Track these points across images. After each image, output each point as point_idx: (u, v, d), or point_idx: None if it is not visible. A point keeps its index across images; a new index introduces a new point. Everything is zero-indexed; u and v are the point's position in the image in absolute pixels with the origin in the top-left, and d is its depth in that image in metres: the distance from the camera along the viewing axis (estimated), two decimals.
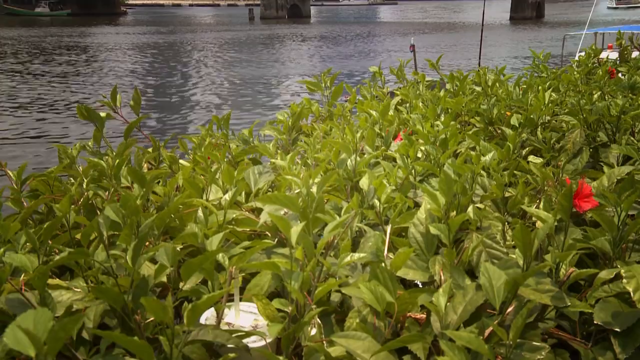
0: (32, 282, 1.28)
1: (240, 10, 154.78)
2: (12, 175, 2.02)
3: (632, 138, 2.52)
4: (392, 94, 3.96)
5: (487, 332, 1.29)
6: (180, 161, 2.42)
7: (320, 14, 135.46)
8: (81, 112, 2.23)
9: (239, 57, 45.02)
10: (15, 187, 2.00)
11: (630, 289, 1.38)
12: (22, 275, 1.37)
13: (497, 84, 3.69)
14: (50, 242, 1.58)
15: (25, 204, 1.96)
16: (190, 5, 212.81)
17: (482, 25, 21.42)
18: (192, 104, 26.11)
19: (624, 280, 1.40)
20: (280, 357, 1.22)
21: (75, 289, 1.44)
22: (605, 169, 2.11)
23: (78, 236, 1.58)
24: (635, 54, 4.80)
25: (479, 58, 21.90)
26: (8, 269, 1.30)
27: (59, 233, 1.70)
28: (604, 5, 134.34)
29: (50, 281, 1.44)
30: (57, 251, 1.56)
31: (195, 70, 37.02)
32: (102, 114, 2.34)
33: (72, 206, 1.69)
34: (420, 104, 3.37)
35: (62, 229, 1.72)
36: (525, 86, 3.48)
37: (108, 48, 52.52)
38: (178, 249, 1.59)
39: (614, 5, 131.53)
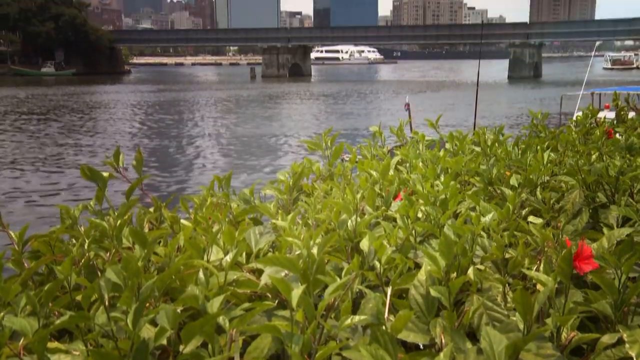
0: (31, 347, 1.28)
1: (242, 69, 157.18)
2: (14, 236, 2.03)
3: (631, 199, 2.54)
4: (392, 153, 4.00)
5: None
6: (182, 221, 2.43)
7: (320, 72, 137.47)
8: (84, 173, 2.25)
9: (241, 115, 45.50)
10: (17, 248, 2.01)
11: (633, 354, 1.37)
12: (22, 340, 1.36)
13: (497, 144, 3.73)
14: (50, 304, 1.57)
15: (26, 265, 1.96)
16: (193, 64, 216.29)
17: (477, 85, 21.72)
18: (194, 163, 26.27)
19: (627, 345, 1.39)
20: None
21: (75, 353, 1.43)
22: (605, 230, 2.12)
23: (79, 298, 1.58)
24: (631, 114, 4.86)
25: (474, 117, 22.14)
26: (7, 332, 1.30)
27: (60, 295, 1.70)
28: (600, 66, 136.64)
29: (49, 344, 1.43)
30: (57, 313, 1.56)
31: (197, 129, 37.36)
32: (105, 174, 2.36)
33: (73, 266, 1.69)
34: (420, 163, 3.40)
35: (63, 291, 1.72)
36: (524, 146, 3.51)
37: (111, 107, 53.13)
38: (178, 311, 1.59)
39: (610, 67, 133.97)
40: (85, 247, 1.97)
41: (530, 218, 2.38)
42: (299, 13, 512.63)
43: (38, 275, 1.99)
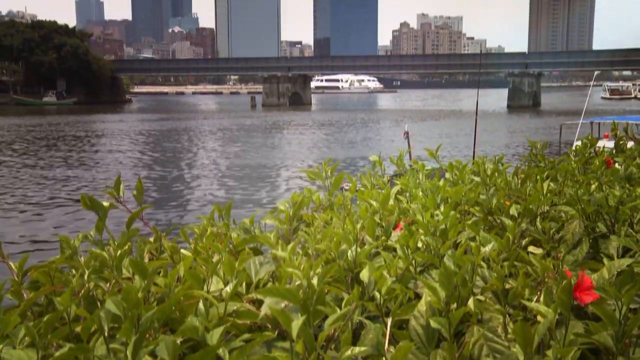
0: None
1: (242, 97, 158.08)
2: (13, 267, 2.03)
3: (631, 230, 2.54)
4: (392, 182, 4.00)
5: None
6: (182, 251, 2.43)
7: (321, 101, 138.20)
8: (85, 202, 2.26)
9: (241, 144, 45.63)
10: (17, 279, 2.01)
11: None
12: None
13: (496, 174, 3.74)
14: (49, 335, 1.57)
15: (25, 295, 1.96)
16: (193, 93, 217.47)
17: (476, 115, 21.85)
18: (195, 192, 26.28)
19: None
20: None
21: None
22: (605, 260, 2.12)
23: (78, 329, 1.57)
24: (630, 144, 4.87)
25: (474, 147, 22.23)
26: None
27: (59, 326, 1.70)
28: (598, 96, 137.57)
29: None
30: (56, 345, 1.55)
31: (197, 158, 37.46)
32: (105, 204, 2.36)
33: (73, 297, 1.69)
34: (420, 193, 3.41)
35: (62, 322, 1.72)
36: (523, 176, 3.53)
37: (112, 136, 53.30)
38: (178, 342, 1.58)
39: (608, 96, 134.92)
40: (85, 277, 1.97)
41: (530, 248, 2.38)
42: (299, 42, 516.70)
43: (37, 306, 1.99)
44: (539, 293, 2.00)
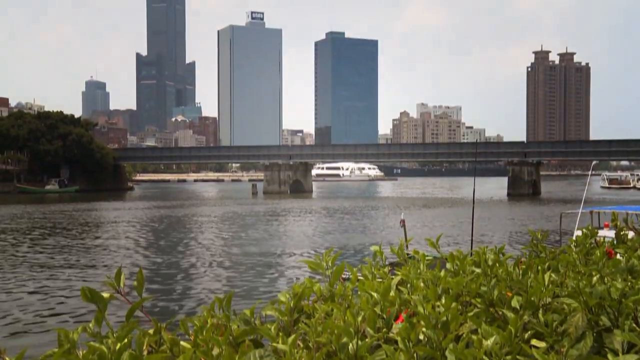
0: None
1: (244, 185, 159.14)
2: None
3: (634, 324, 2.52)
4: (393, 272, 3.99)
5: None
6: (182, 343, 2.40)
7: (321, 188, 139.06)
8: (85, 294, 2.26)
9: (242, 232, 45.58)
10: None
11: None
12: None
13: (497, 264, 3.73)
14: None
15: None
16: (195, 180, 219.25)
17: (473, 204, 22.01)
18: (195, 282, 26.05)
19: None
20: None
21: None
22: (610, 355, 2.09)
23: None
24: (631, 234, 4.88)
25: (472, 236, 22.28)
26: None
27: None
28: (597, 185, 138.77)
29: None
30: None
31: (198, 247, 37.33)
32: (105, 295, 2.36)
33: None
34: (421, 283, 3.40)
35: None
36: (524, 266, 3.52)
37: (113, 224, 53.32)
38: None
39: (607, 185, 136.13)
40: None
41: (533, 341, 2.35)
42: (301, 131, 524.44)
43: None
44: None
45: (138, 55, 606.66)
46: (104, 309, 2.29)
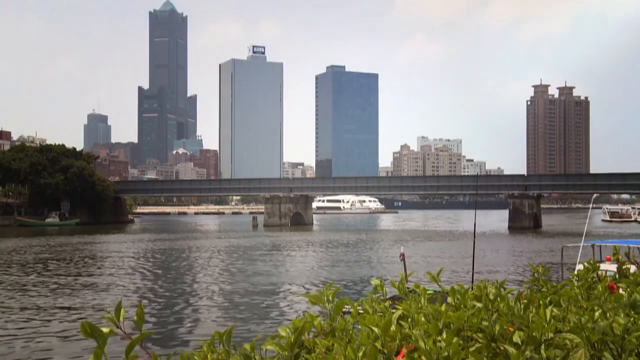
0: None
1: (244, 217, 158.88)
2: None
3: None
4: (394, 306, 3.97)
5: None
6: None
7: (322, 221, 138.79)
8: (85, 330, 2.24)
9: (242, 265, 45.41)
10: None
11: None
12: None
13: (498, 298, 3.71)
14: None
15: None
16: (196, 213, 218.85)
17: (474, 238, 21.99)
18: (195, 316, 25.88)
19: None
20: None
21: None
22: None
23: None
24: (633, 268, 4.86)
25: (472, 271, 22.23)
26: None
27: None
28: (598, 218, 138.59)
29: None
30: None
31: (199, 280, 37.15)
32: (105, 330, 2.34)
33: None
34: (422, 318, 3.38)
35: None
36: (526, 301, 3.50)
37: (113, 257, 53.12)
38: None
39: (608, 219, 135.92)
40: None
41: None
42: (301, 164, 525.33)
43: None
44: None
45: (140, 89, 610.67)
46: (104, 344, 2.28)
